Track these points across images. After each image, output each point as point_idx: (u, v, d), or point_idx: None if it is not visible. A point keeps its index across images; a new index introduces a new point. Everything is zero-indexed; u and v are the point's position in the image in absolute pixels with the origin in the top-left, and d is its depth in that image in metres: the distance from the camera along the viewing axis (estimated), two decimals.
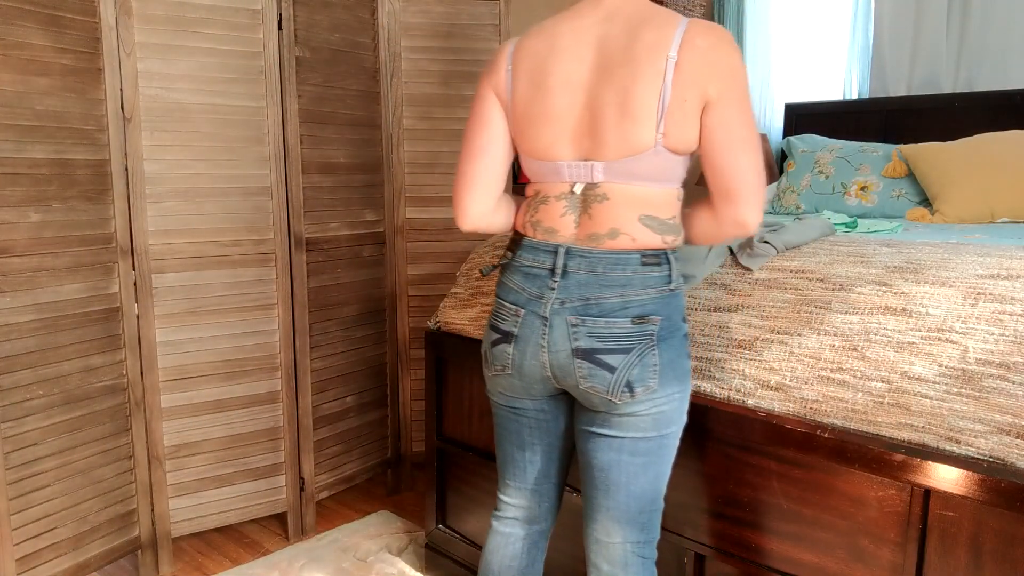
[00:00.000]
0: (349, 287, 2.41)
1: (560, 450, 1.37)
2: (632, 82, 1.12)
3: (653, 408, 1.18)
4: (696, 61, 1.11)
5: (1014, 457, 1.13)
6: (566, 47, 1.19)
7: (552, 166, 1.21)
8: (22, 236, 1.76)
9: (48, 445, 1.83)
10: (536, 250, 1.22)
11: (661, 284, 1.18)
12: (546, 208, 1.23)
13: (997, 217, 2.36)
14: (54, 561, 1.87)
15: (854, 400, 1.30)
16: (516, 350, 1.23)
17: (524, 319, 1.21)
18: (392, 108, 2.45)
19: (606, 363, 1.16)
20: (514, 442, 1.35)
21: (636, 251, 1.17)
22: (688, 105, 1.12)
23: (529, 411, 1.31)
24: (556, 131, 1.20)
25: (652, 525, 1.27)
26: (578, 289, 1.17)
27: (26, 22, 1.72)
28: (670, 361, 1.18)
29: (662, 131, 1.12)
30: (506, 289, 1.26)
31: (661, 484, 1.26)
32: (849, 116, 3.21)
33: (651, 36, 1.13)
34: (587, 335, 1.16)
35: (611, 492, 1.23)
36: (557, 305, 1.18)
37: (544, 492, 1.39)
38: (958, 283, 1.30)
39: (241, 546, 2.27)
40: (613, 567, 1.26)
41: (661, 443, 1.22)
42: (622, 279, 1.16)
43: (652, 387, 1.17)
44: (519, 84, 1.22)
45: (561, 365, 1.19)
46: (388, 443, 2.60)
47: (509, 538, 1.39)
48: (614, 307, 1.16)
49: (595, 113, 1.16)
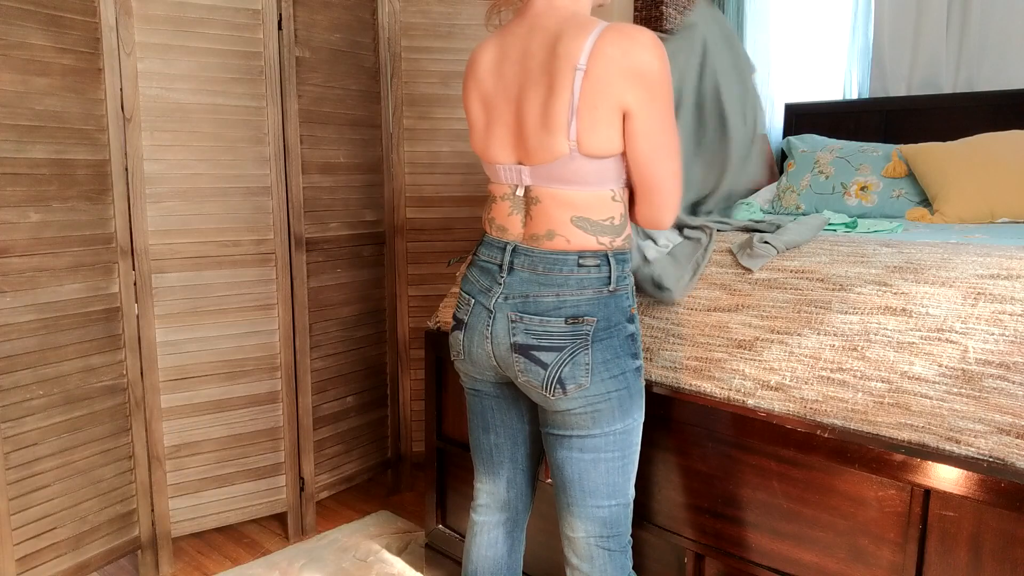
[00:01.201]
0: (349, 287, 2.41)
1: (524, 435, 1.41)
2: (548, 94, 1.17)
3: (588, 406, 1.22)
4: (606, 70, 1.13)
5: (1014, 457, 1.13)
6: (500, 60, 1.26)
7: (494, 168, 1.30)
8: (22, 236, 1.76)
9: (48, 445, 1.83)
10: (491, 246, 1.30)
11: (599, 285, 1.21)
12: (496, 207, 1.31)
13: (997, 217, 2.36)
14: (54, 561, 1.87)
15: (854, 400, 1.30)
16: (466, 337, 1.31)
17: (473, 309, 1.29)
18: (392, 108, 2.45)
19: (540, 359, 1.21)
20: (480, 425, 1.42)
21: (573, 252, 1.21)
22: (600, 113, 1.15)
23: (489, 394, 1.38)
24: (496, 137, 1.27)
25: (615, 520, 1.29)
26: (520, 286, 1.23)
27: (26, 22, 1.72)
28: (605, 361, 1.21)
29: (573, 139, 1.16)
30: (465, 280, 1.34)
31: (617, 479, 1.28)
32: (849, 116, 3.21)
33: (563, 47, 1.16)
34: (524, 331, 1.22)
35: (567, 488, 1.29)
36: (501, 300, 1.24)
37: (512, 479, 1.42)
38: (958, 283, 1.30)
39: (241, 546, 2.27)
40: (580, 560, 1.31)
41: (606, 440, 1.25)
42: (559, 279, 1.21)
43: (584, 385, 1.20)
44: (470, 94, 1.32)
45: (502, 356, 1.26)
46: (388, 443, 2.60)
47: (484, 527, 1.44)
48: (549, 306, 1.21)
49: (521, 122, 1.22)
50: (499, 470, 1.42)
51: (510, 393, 1.37)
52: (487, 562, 1.43)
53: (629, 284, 1.26)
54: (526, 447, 1.42)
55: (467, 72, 1.33)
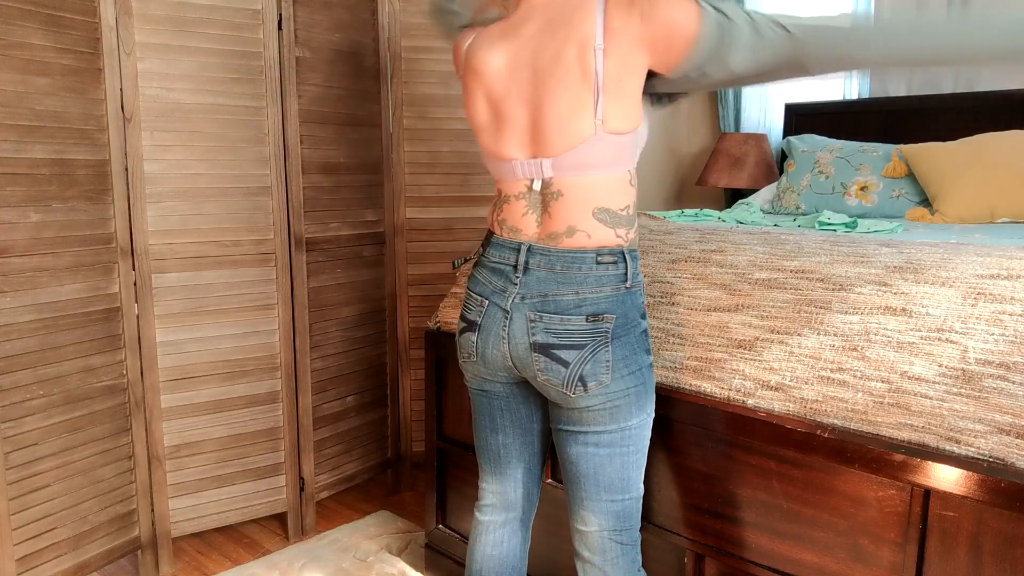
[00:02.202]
0: (349, 287, 2.41)
1: (533, 435, 1.40)
2: (570, 83, 1.17)
3: (607, 403, 1.22)
4: (623, 43, 1.14)
5: (1014, 457, 1.13)
6: (513, 67, 1.24)
7: (508, 166, 1.28)
8: (22, 236, 1.76)
9: (48, 445, 1.83)
10: (502, 247, 1.29)
11: (616, 283, 1.22)
12: (508, 207, 1.30)
13: (997, 217, 2.36)
14: (54, 561, 1.87)
15: (854, 400, 1.30)
16: (479, 339, 1.30)
17: (487, 310, 1.28)
18: (392, 108, 2.45)
19: (560, 358, 1.21)
20: (487, 425, 1.41)
21: (592, 249, 1.22)
22: (624, 85, 1.16)
23: (499, 394, 1.37)
24: (508, 134, 1.26)
25: (627, 514, 1.31)
26: (537, 285, 1.23)
27: (26, 22, 1.72)
28: (624, 357, 1.22)
29: (600, 117, 1.17)
30: (475, 281, 1.33)
31: (630, 474, 1.29)
32: (849, 116, 3.21)
33: (576, 33, 1.16)
34: (543, 330, 1.22)
35: (581, 483, 1.29)
36: (518, 300, 1.24)
37: (518, 478, 1.42)
38: (958, 283, 1.30)
39: (241, 546, 2.27)
40: (592, 553, 1.31)
41: (623, 436, 1.26)
42: (578, 277, 1.21)
43: (604, 382, 1.21)
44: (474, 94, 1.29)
45: (520, 356, 1.26)
46: (388, 443, 2.60)
47: (488, 526, 1.44)
48: (569, 304, 1.21)
49: (539, 119, 1.22)
50: (507, 470, 1.42)
51: (521, 393, 1.36)
52: (492, 561, 1.43)
53: (641, 281, 1.28)
54: (533, 446, 1.42)
55: (467, 71, 1.31)
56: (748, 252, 1.61)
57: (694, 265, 1.64)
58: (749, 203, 2.75)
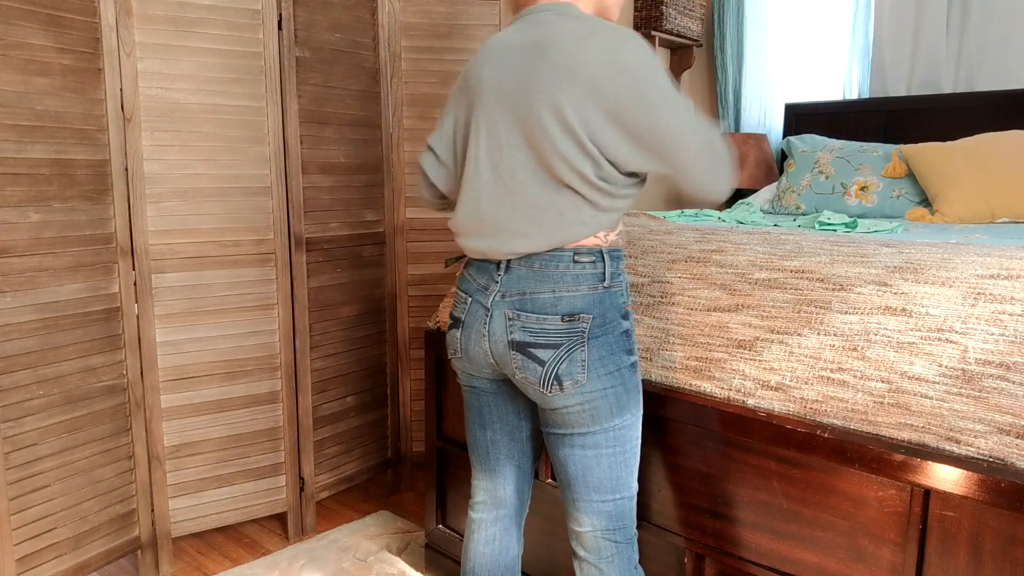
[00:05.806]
0: (349, 287, 2.41)
1: (521, 432, 1.41)
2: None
3: (586, 403, 1.23)
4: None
5: (1014, 457, 1.13)
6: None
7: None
8: (22, 236, 1.76)
9: (48, 445, 1.83)
10: None
11: (593, 282, 1.22)
12: None
13: (997, 217, 2.36)
14: (54, 561, 1.87)
15: (854, 400, 1.30)
16: (463, 335, 1.32)
17: (470, 307, 1.30)
18: (392, 108, 2.45)
19: (537, 356, 1.22)
20: (477, 421, 1.42)
21: (569, 248, 1.23)
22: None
23: (486, 391, 1.38)
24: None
25: (620, 513, 1.31)
26: (517, 283, 1.24)
27: (26, 22, 1.72)
28: (601, 358, 1.22)
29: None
30: (462, 279, 1.35)
31: (620, 474, 1.29)
32: (849, 116, 3.21)
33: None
34: (521, 329, 1.23)
35: (572, 485, 1.30)
36: (498, 297, 1.26)
37: (508, 475, 1.43)
38: (958, 283, 1.30)
39: (241, 546, 2.27)
40: (588, 552, 1.33)
41: (607, 437, 1.26)
42: (555, 275, 1.22)
43: (580, 381, 1.21)
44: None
45: (500, 354, 1.27)
46: (388, 443, 2.60)
47: (481, 524, 1.45)
48: (545, 303, 1.22)
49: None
50: (496, 467, 1.43)
51: (507, 390, 1.37)
52: (484, 559, 1.44)
53: (623, 281, 1.28)
54: (523, 444, 1.42)
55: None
56: (748, 252, 1.61)
57: (694, 265, 1.64)
58: (749, 203, 2.75)
